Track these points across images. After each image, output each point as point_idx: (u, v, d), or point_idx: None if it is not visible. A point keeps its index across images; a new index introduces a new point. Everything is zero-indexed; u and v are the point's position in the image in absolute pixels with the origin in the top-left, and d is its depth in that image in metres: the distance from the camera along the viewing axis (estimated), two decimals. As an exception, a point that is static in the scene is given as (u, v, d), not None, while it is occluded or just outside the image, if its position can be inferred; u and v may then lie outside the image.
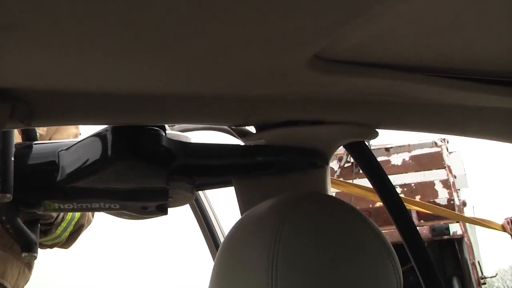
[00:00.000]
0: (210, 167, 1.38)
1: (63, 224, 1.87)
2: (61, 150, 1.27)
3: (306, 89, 1.09)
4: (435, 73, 1.04)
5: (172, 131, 1.34)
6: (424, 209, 6.56)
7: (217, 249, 2.35)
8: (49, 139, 1.77)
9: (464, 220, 6.76)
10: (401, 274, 1.06)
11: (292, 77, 1.02)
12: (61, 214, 1.83)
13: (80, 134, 1.88)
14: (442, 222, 7.68)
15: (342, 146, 1.48)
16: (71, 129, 1.85)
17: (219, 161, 1.35)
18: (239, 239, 1.12)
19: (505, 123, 1.26)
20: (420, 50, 0.96)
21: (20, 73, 0.92)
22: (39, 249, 1.42)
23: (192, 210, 2.26)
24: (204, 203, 2.26)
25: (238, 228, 1.15)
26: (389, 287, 1.04)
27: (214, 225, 2.46)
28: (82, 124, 1.13)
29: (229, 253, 1.14)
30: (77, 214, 1.90)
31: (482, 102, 1.16)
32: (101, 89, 1.01)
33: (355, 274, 1.02)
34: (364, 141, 1.50)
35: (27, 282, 2.03)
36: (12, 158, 1.17)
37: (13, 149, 1.18)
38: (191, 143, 1.32)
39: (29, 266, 1.98)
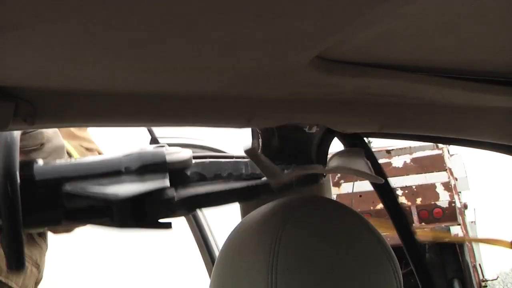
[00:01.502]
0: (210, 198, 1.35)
1: None
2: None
3: (308, 90, 1.09)
4: (438, 74, 1.04)
5: (173, 148, 1.34)
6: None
7: (210, 256, 2.36)
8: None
9: (475, 241, 6.71)
10: (401, 277, 1.06)
11: (294, 78, 1.02)
12: None
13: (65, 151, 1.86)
14: (443, 225, 7.69)
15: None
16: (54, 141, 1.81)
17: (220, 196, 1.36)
18: (239, 242, 1.13)
19: (507, 124, 1.26)
20: (423, 51, 0.96)
21: (24, 72, 0.92)
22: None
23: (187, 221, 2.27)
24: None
25: (238, 231, 1.15)
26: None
27: (209, 236, 2.47)
28: (86, 126, 1.13)
29: (229, 256, 1.14)
30: None
31: (485, 103, 1.16)
32: (103, 89, 1.02)
33: (355, 278, 1.02)
34: (364, 141, 1.51)
35: (38, 281, 2.00)
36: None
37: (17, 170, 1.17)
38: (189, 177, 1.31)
39: (36, 265, 1.96)
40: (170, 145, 2.06)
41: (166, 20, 0.70)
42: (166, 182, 1.17)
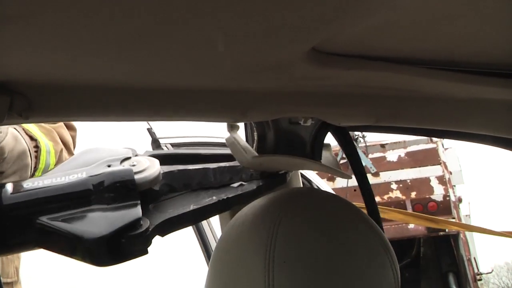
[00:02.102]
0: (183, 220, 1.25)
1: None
2: None
3: (303, 83, 1.09)
4: (434, 66, 1.04)
5: (140, 161, 1.31)
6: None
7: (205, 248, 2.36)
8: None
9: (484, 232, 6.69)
10: (399, 270, 1.07)
11: (290, 71, 1.02)
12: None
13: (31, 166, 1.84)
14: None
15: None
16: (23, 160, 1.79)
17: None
18: (235, 236, 1.13)
19: (504, 116, 1.27)
20: (419, 43, 0.96)
21: (18, 66, 0.92)
22: None
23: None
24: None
25: (233, 226, 1.15)
26: (386, 282, 1.05)
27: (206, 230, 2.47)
28: (82, 120, 1.12)
29: (225, 250, 1.15)
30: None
31: (482, 95, 1.16)
32: (99, 83, 1.01)
33: (352, 270, 1.02)
34: (346, 129, 1.52)
35: (17, 266, 1.98)
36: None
37: None
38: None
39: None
40: (173, 145, 2.06)
41: (163, 15, 0.70)
42: (139, 211, 1.11)
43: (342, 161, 7.68)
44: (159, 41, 0.81)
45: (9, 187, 1.12)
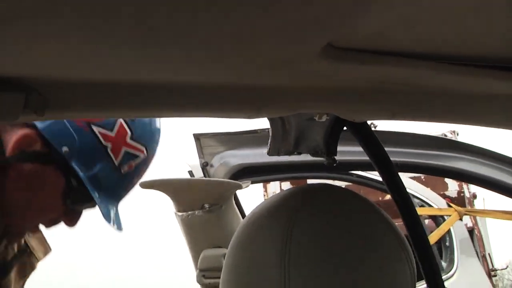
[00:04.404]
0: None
1: None
2: None
3: (319, 79, 1.09)
4: (449, 61, 1.04)
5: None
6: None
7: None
8: None
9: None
10: (415, 266, 1.07)
11: (305, 67, 1.01)
12: None
13: None
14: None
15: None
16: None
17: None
18: (251, 231, 1.14)
19: None
20: (434, 37, 0.96)
21: (32, 63, 0.92)
22: None
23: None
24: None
25: (249, 221, 1.16)
26: (402, 278, 1.05)
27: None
28: (96, 117, 1.14)
29: (240, 246, 1.15)
30: None
31: (501, 90, 1.16)
32: (113, 79, 1.02)
33: (368, 266, 1.03)
34: (366, 123, 1.51)
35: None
36: None
37: None
38: None
39: None
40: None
41: (177, 12, 0.70)
42: None
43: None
44: (173, 38, 0.82)
45: None
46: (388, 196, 6.82)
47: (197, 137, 2.27)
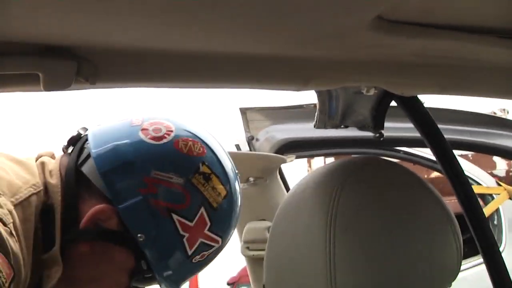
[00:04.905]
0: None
1: None
2: None
3: (367, 51, 1.10)
4: (497, 35, 1.03)
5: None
6: None
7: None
8: None
9: None
10: (461, 241, 1.07)
11: (354, 39, 1.02)
12: None
13: None
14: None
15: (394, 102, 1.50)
16: None
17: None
18: (298, 201, 1.15)
19: None
20: (482, 11, 0.95)
21: (84, 32, 0.94)
22: None
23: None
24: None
25: (296, 191, 1.17)
26: (448, 252, 1.05)
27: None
28: (144, 86, 1.14)
29: (287, 215, 1.17)
30: None
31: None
32: (162, 48, 1.04)
33: (414, 239, 1.03)
34: (417, 97, 1.50)
35: None
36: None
37: None
38: None
39: None
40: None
41: None
42: None
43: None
44: (224, 8, 0.83)
45: None
46: (433, 174, 6.76)
47: (244, 111, 2.27)
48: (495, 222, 3.86)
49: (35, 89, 1.05)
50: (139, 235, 1.26)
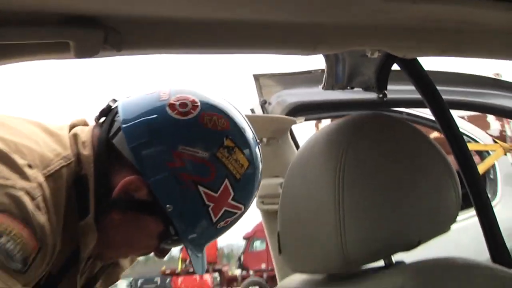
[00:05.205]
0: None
1: None
2: None
3: (371, 17, 1.09)
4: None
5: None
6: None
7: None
8: None
9: None
10: (460, 192, 1.08)
11: (359, 5, 1.02)
12: None
13: None
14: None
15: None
16: None
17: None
18: (308, 155, 1.16)
19: None
20: None
21: (110, 2, 0.96)
22: None
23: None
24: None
25: (307, 147, 1.18)
26: (448, 203, 1.06)
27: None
28: (168, 53, 1.15)
29: (299, 170, 1.18)
30: None
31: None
32: (184, 17, 1.04)
33: (416, 190, 1.04)
34: (417, 59, 1.51)
35: None
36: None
37: None
38: None
39: None
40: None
41: None
42: None
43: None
44: None
45: None
46: (434, 134, 6.76)
47: (257, 78, 2.28)
48: (491, 176, 3.88)
49: (66, 56, 1.06)
50: (167, 205, 1.27)
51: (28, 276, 1.14)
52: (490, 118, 7.98)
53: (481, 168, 3.73)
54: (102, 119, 1.37)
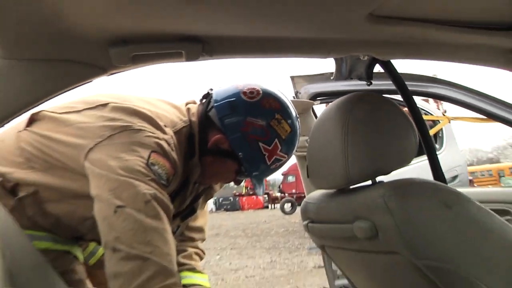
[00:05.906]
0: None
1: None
2: None
3: (364, 34, 1.08)
4: (449, 24, 1.02)
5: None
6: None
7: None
8: None
9: None
10: (418, 140, 1.06)
11: (354, 28, 1.01)
12: None
13: None
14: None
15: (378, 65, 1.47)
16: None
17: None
18: (324, 121, 1.14)
19: (488, 53, 1.21)
20: (442, 7, 0.95)
21: (205, 26, 0.97)
22: None
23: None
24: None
25: (323, 115, 1.17)
26: (410, 145, 1.04)
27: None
28: (239, 58, 1.13)
29: (318, 129, 1.16)
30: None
31: (475, 41, 1.13)
32: (237, 34, 1.04)
33: (391, 136, 1.03)
34: (392, 65, 1.49)
35: None
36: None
37: None
38: None
39: None
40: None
41: None
42: None
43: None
44: (279, 6, 0.86)
45: None
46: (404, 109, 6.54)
47: (292, 78, 2.28)
48: (440, 135, 3.83)
49: (180, 60, 1.07)
50: (240, 153, 1.28)
51: (168, 189, 1.19)
52: (430, 100, 7.68)
53: (433, 130, 3.69)
54: (204, 100, 1.38)
